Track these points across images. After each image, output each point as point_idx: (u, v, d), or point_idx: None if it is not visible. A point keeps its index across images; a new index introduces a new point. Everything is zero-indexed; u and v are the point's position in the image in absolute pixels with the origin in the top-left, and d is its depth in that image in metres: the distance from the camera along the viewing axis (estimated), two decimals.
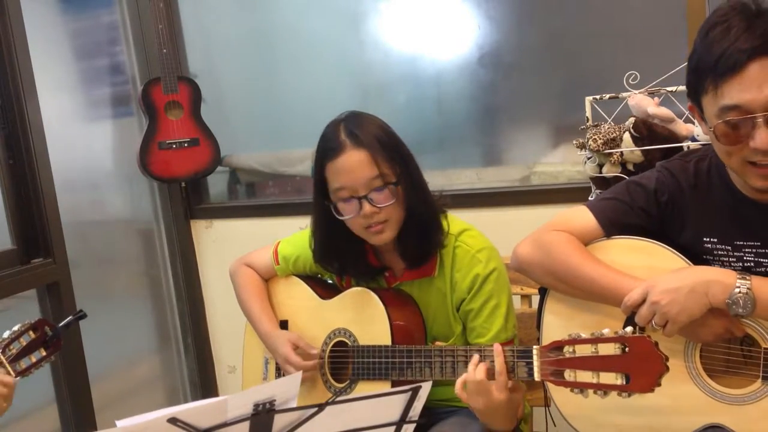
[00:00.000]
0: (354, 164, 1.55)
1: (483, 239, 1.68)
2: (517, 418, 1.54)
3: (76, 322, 1.77)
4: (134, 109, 2.88)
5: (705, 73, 1.25)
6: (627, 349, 1.16)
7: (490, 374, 1.40)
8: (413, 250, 1.65)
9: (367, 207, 1.56)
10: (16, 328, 1.64)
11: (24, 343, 1.63)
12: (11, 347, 1.61)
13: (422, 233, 1.63)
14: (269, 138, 3.03)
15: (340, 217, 1.60)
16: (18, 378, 1.61)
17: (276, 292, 1.91)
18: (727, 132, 1.25)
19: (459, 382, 1.41)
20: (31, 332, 1.65)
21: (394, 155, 1.58)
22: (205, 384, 3.08)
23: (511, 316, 1.66)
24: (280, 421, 1.04)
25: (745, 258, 1.39)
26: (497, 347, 1.41)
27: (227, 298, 1.98)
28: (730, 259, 1.41)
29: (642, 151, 1.97)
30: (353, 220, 1.59)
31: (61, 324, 1.71)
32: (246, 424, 1.02)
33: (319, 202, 1.65)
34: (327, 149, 1.58)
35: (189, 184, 2.95)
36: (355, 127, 1.57)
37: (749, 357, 1.38)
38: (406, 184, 1.59)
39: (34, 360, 1.65)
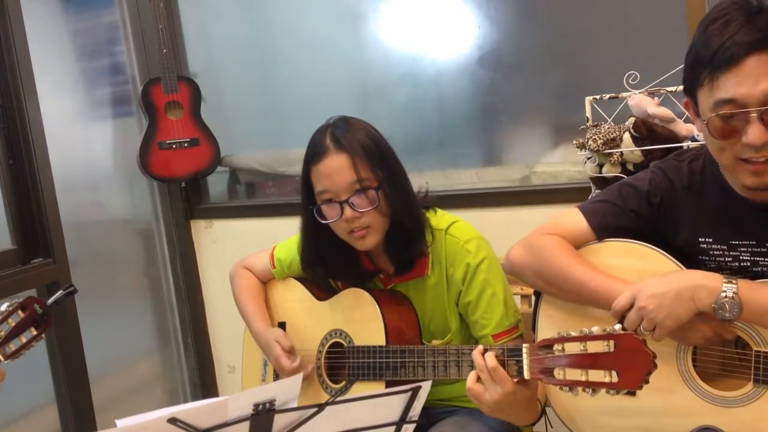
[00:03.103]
0: (334, 168, 1.56)
1: (470, 229, 1.68)
2: (537, 412, 1.52)
3: (67, 298, 1.69)
4: (134, 109, 2.88)
5: (702, 66, 1.24)
6: (615, 346, 1.16)
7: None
8: (398, 257, 1.66)
9: (348, 211, 1.56)
10: (2, 308, 1.57)
11: (12, 324, 1.57)
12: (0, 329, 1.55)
13: (407, 241, 1.63)
14: (269, 138, 3.04)
15: (323, 221, 1.61)
16: (7, 361, 1.55)
17: (274, 294, 1.91)
18: (720, 126, 1.24)
19: (471, 376, 1.35)
20: (20, 311, 1.59)
21: (377, 161, 1.59)
22: (205, 384, 3.09)
23: (510, 302, 1.66)
24: (280, 421, 1.05)
25: (741, 257, 1.39)
26: (476, 353, 1.36)
27: (227, 298, 1.98)
28: (726, 259, 1.40)
29: (642, 151, 1.97)
30: (336, 224, 1.60)
31: (50, 300, 1.65)
32: (246, 425, 1.02)
33: (305, 206, 1.66)
34: (312, 153, 1.60)
35: (189, 184, 2.95)
36: (340, 132, 1.58)
37: (743, 360, 1.38)
38: (389, 190, 1.59)
39: (24, 341, 1.58)
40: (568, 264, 1.46)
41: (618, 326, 1.18)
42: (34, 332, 1.61)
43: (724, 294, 1.28)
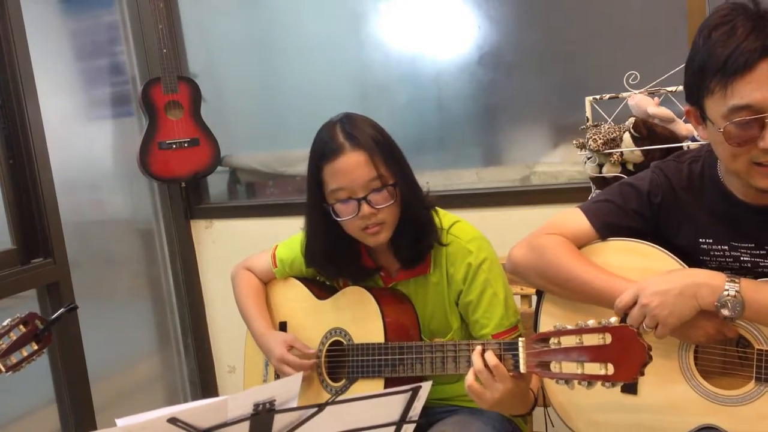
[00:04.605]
0: (353, 165, 1.55)
1: (472, 230, 1.68)
2: (530, 401, 1.53)
3: (68, 315, 1.71)
4: (134, 109, 2.88)
5: (711, 74, 1.23)
6: (611, 338, 1.16)
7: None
8: (407, 251, 1.66)
9: (365, 208, 1.56)
10: (5, 322, 1.61)
11: (14, 338, 1.60)
12: (1, 342, 1.58)
13: (417, 234, 1.63)
14: (269, 138, 3.03)
15: (338, 219, 1.60)
16: (9, 373, 1.58)
17: (275, 294, 1.92)
18: (736, 133, 1.23)
19: (470, 374, 1.36)
20: (21, 326, 1.62)
21: (391, 156, 1.59)
22: (205, 384, 3.08)
23: (510, 301, 1.66)
24: (280, 421, 1.05)
25: (742, 258, 1.39)
26: (475, 355, 1.37)
27: (227, 298, 1.98)
28: (727, 260, 1.41)
29: (642, 151, 1.97)
30: (350, 221, 1.59)
31: (51, 317, 1.67)
32: (246, 424, 1.02)
33: (315, 204, 1.64)
34: (325, 151, 1.58)
35: (189, 184, 2.95)
36: (351, 129, 1.57)
37: (745, 358, 1.38)
38: (403, 184, 1.60)
39: (25, 354, 1.61)
40: (570, 263, 1.46)
41: (614, 319, 1.18)
42: (35, 347, 1.64)
43: (726, 292, 1.28)
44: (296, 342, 1.74)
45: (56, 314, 1.68)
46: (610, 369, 1.16)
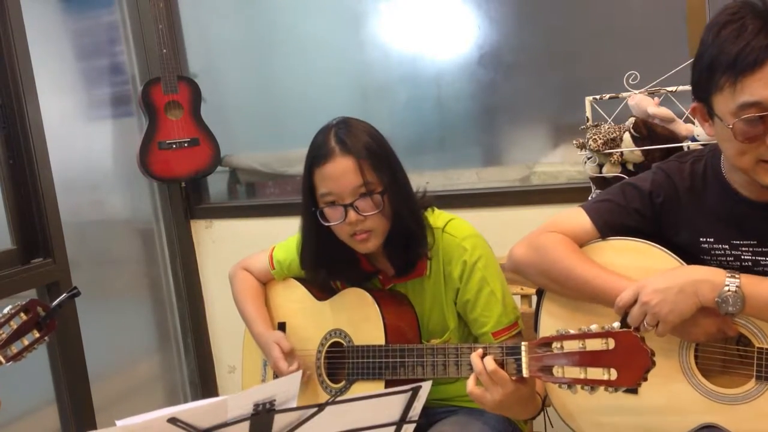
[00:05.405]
0: (340, 171, 1.55)
1: (467, 227, 1.68)
2: (537, 405, 1.52)
3: (70, 301, 1.68)
4: (134, 109, 2.88)
5: (720, 70, 1.23)
6: (614, 344, 1.17)
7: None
8: (399, 260, 1.66)
9: (351, 214, 1.56)
10: (6, 310, 1.57)
11: (15, 326, 1.56)
12: (1, 332, 1.54)
13: (407, 243, 1.63)
14: (269, 138, 3.03)
15: (326, 223, 1.60)
16: (9, 363, 1.54)
17: (274, 294, 1.91)
18: (745, 130, 1.23)
19: (471, 379, 1.37)
20: (22, 314, 1.58)
21: (382, 164, 1.58)
22: (205, 384, 3.09)
23: (508, 299, 1.66)
24: (280, 421, 1.05)
25: (743, 257, 1.39)
26: (474, 356, 1.37)
27: (227, 298, 1.98)
28: (728, 259, 1.41)
29: (642, 151, 1.97)
30: (338, 226, 1.59)
31: (54, 303, 1.64)
32: (246, 424, 1.02)
33: (307, 208, 1.65)
34: (316, 155, 1.59)
35: (189, 184, 2.95)
36: (345, 134, 1.57)
37: (745, 357, 1.38)
38: (393, 193, 1.59)
39: (26, 343, 1.57)
40: (571, 262, 1.46)
41: (617, 324, 1.19)
42: (37, 335, 1.60)
43: (727, 288, 1.28)
44: (282, 341, 1.74)
45: (58, 300, 1.65)
46: (613, 374, 1.16)
